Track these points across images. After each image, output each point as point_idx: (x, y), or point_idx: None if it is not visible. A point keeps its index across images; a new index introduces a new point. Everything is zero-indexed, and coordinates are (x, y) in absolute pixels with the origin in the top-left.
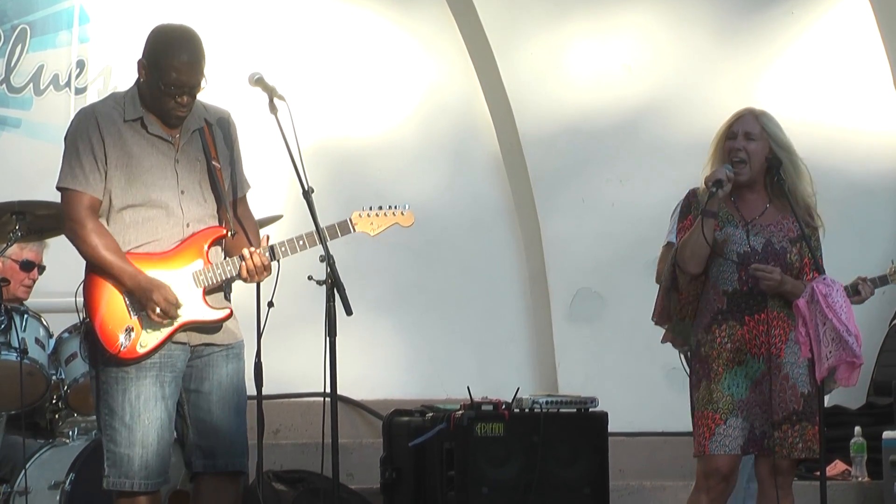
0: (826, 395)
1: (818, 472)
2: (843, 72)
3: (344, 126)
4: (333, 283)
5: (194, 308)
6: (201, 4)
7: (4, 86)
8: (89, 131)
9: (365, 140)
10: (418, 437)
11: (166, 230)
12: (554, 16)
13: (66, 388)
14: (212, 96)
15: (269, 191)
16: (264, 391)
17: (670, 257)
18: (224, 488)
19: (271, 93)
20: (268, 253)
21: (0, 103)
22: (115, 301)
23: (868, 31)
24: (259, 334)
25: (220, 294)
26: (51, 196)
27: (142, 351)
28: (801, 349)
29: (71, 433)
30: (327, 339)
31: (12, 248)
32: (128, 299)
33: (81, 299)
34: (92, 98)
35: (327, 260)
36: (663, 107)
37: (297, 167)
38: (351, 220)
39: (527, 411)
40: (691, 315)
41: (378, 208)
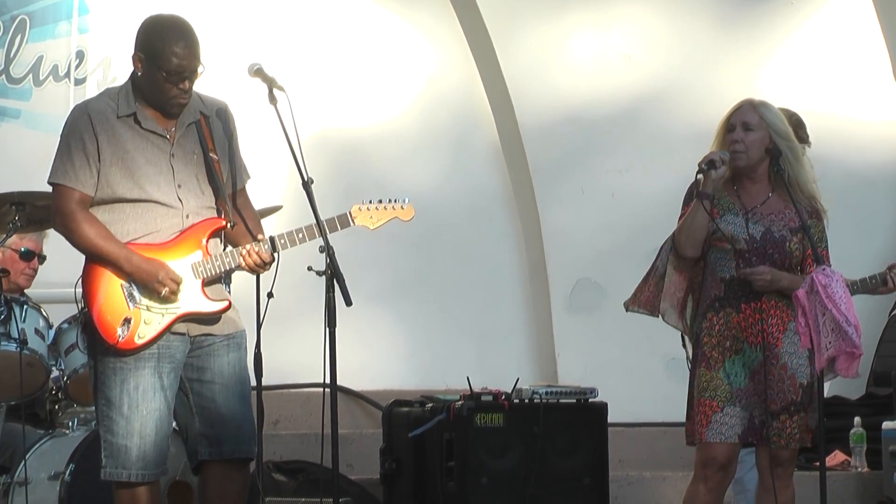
0: (826, 383)
1: (818, 463)
2: (842, 62)
3: (344, 116)
4: (333, 274)
5: (193, 299)
6: None
7: (4, 76)
8: (81, 128)
9: (365, 130)
10: (418, 428)
11: (165, 221)
12: (553, 5)
13: (65, 378)
14: (211, 87)
15: (269, 181)
16: (264, 382)
17: (667, 241)
18: (231, 476)
19: (271, 83)
20: (267, 246)
21: None
22: (114, 292)
23: (868, 20)
24: (259, 325)
25: (220, 285)
26: (50, 187)
27: (140, 342)
28: (801, 339)
29: (71, 424)
30: (327, 329)
31: (12, 239)
32: (126, 290)
33: (80, 290)
34: (91, 88)
35: (327, 250)
36: (663, 96)
37: (296, 158)
38: (350, 213)
39: (526, 402)
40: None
41: (378, 201)
